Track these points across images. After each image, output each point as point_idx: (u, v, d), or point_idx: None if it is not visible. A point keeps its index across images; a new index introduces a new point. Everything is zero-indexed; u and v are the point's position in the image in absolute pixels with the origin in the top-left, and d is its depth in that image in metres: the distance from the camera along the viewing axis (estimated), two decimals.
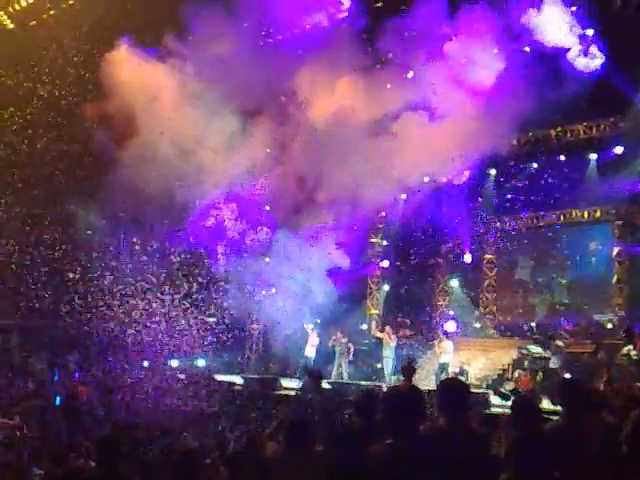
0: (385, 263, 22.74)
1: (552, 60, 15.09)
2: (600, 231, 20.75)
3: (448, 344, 17.52)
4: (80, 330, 17.87)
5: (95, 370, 16.13)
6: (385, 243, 22.72)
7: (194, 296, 18.28)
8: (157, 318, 17.91)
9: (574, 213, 21.10)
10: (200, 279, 18.38)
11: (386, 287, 22.85)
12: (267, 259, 19.59)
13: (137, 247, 17.85)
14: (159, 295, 17.96)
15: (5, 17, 17.32)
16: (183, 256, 18.25)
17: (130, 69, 16.36)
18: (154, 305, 17.93)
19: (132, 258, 18.08)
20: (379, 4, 16.63)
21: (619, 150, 17.75)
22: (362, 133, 16.68)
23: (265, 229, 19.68)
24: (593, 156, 18.79)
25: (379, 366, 18.81)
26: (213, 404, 12.52)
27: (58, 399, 9.92)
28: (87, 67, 16.54)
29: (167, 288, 18.41)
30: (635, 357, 15.04)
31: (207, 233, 18.46)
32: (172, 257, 18.25)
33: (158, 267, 18.19)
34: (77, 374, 15.97)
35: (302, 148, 17.05)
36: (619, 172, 17.55)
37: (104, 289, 17.85)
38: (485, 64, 15.60)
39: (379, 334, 19.05)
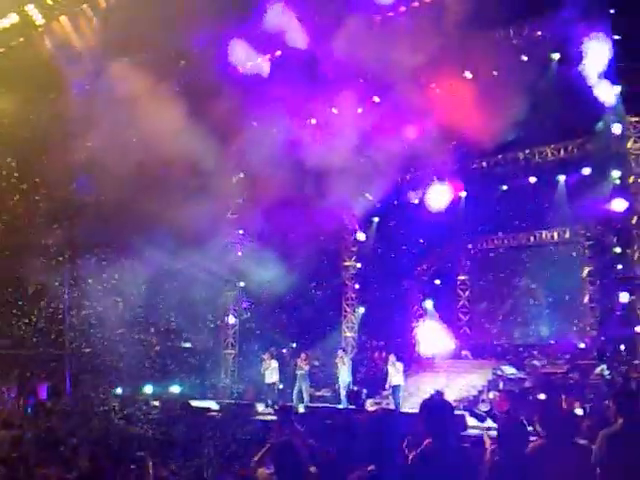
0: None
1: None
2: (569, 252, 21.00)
3: (398, 365, 17.06)
4: (50, 356, 17.55)
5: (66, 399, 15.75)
6: (359, 266, 22.71)
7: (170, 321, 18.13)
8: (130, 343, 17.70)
9: (544, 234, 21.38)
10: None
11: (361, 309, 22.81)
12: (242, 284, 19.56)
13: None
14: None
15: None
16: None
17: None
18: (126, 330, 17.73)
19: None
20: None
21: (587, 171, 18.03)
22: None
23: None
24: (562, 177, 19.09)
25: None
26: (189, 431, 12.33)
27: None
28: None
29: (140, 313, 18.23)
30: (608, 377, 15.20)
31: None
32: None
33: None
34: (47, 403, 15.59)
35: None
36: (588, 193, 17.75)
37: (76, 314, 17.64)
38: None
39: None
